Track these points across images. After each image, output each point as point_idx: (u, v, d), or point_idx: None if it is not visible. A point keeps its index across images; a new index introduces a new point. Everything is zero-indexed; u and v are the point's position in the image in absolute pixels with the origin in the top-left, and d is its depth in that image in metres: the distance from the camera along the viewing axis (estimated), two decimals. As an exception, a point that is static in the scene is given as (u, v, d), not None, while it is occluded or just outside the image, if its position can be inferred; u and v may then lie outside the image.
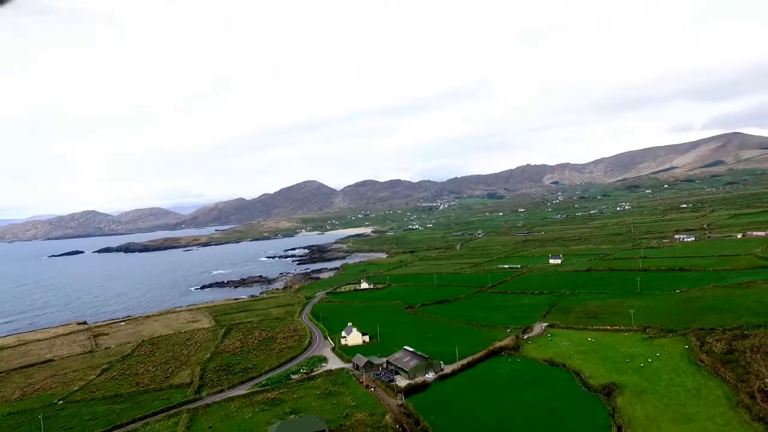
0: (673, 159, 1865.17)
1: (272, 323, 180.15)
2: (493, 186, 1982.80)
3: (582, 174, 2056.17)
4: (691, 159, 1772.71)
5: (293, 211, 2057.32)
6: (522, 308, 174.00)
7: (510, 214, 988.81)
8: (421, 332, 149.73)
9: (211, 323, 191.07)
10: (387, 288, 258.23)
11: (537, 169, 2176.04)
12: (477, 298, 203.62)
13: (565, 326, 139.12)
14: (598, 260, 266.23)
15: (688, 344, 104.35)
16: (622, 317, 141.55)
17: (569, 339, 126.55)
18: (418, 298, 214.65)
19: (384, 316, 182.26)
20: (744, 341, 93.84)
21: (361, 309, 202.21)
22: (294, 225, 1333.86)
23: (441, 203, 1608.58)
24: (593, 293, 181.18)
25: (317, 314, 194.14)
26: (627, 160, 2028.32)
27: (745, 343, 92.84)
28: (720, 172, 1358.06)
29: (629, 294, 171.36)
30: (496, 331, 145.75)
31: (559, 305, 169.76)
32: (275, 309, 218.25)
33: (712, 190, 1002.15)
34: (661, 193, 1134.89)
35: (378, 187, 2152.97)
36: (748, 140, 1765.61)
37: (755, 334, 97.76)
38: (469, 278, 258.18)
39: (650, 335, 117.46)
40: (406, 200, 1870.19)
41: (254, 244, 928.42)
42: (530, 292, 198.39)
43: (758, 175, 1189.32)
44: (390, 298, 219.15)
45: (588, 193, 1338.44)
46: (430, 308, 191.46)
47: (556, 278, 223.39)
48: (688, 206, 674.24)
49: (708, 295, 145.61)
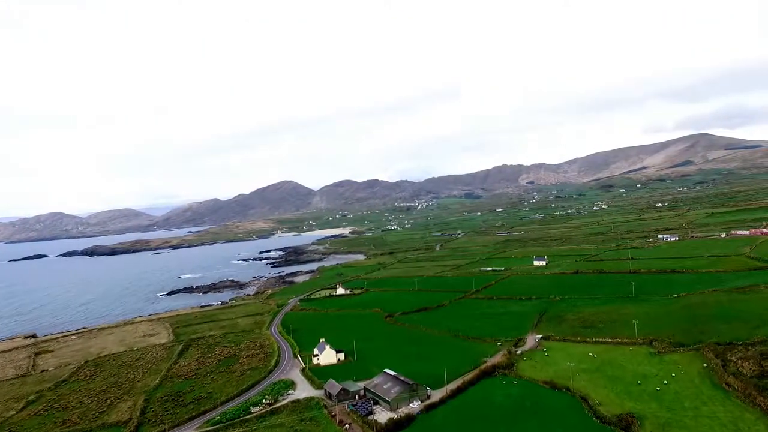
0: (644, 159, 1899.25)
1: (237, 337, 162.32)
2: (470, 186, 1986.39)
3: (557, 174, 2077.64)
4: (661, 159, 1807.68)
5: (269, 211, 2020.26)
6: (510, 316, 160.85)
7: (488, 213, 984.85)
8: (403, 347, 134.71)
9: (169, 338, 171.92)
10: (364, 293, 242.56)
11: (513, 169, 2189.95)
12: (461, 304, 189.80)
13: (560, 338, 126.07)
14: (584, 261, 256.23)
15: (706, 362, 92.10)
16: (622, 327, 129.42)
17: (568, 354, 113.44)
18: (398, 304, 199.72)
19: (361, 326, 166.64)
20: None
21: (336, 318, 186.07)
22: (270, 226, 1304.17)
23: (419, 203, 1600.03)
24: (585, 298, 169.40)
25: (288, 325, 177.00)
26: (600, 161, 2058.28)
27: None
28: (689, 171, 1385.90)
29: (624, 299, 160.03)
30: (485, 344, 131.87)
31: (551, 313, 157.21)
32: (243, 319, 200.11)
33: (684, 189, 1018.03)
34: (634, 192, 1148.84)
35: (356, 187, 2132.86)
36: (715, 141, 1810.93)
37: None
38: (451, 282, 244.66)
39: (659, 350, 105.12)
40: (384, 200, 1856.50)
41: (228, 246, 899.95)
42: (518, 297, 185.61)
43: (725, 174, 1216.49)
44: (368, 305, 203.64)
45: (563, 192, 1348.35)
46: (411, 317, 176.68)
47: (544, 282, 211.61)
48: (663, 205, 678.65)
49: (711, 302, 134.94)
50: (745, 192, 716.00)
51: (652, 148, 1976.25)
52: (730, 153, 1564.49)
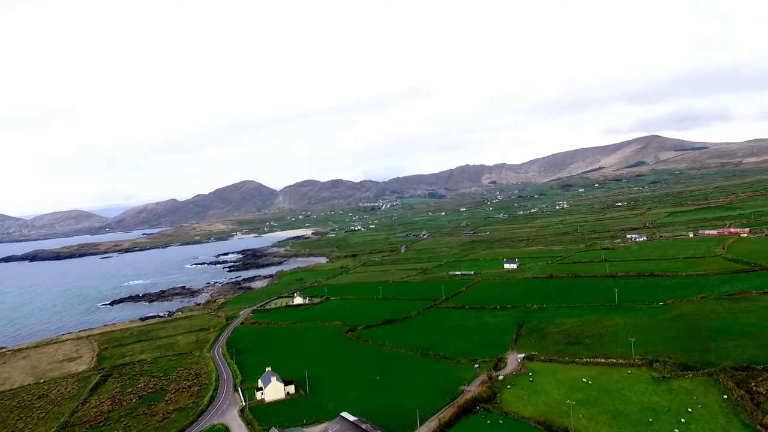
0: (600, 159, 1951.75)
1: (171, 362, 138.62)
2: (434, 186, 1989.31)
3: (518, 174, 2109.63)
4: (616, 160, 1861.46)
5: (230, 212, 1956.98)
6: (486, 329, 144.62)
7: (452, 213, 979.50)
8: (366, 372, 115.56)
9: (91, 363, 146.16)
10: (324, 302, 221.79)
11: (476, 170, 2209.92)
12: (431, 315, 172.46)
13: (546, 358, 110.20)
14: (557, 264, 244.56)
15: (726, 393, 77.62)
16: (613, 343, 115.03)
17: (557, 379, 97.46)
18: (361, 316, 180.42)
19: (318, 344, 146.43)
20: (817, 395, 68.14)
21: (290, 334, 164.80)
22: (229, 227, 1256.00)
23: (383, 203, 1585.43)
24: (565, 307, 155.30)
25: (235, 345, 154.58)
26: (559, 161, 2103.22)
27: (820, 398, 67.11)
28: (643, 172, 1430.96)
29: (608, 308, 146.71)
30: (461, 366, 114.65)
31: (530, 324, 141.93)
32: (184, 336, 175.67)
33: (640, 189, 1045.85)
34: (593, 191, 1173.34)
35: (319, 186, 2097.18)
36: (666, 142, 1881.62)
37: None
38: (418, 288, 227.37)
39: (663, 374, 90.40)
40: (348, 200, 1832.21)
41: (183, 249, 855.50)
42: (492, 306, 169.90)
43: (676, 174, 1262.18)
44: (327, 317, 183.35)
45: (525, 192, 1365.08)
46: (375, 331, 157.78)
47: (518, 288, 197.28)
48: (623, 204, 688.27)
49: (706, 312, 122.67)
50: (699, 191, 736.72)
51: (607, 149, 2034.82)
52: (680, 154, 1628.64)
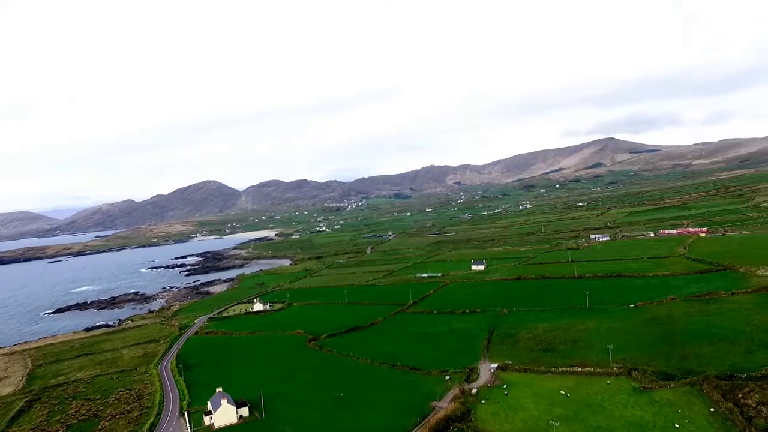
0: (560, 161, 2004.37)
1: (111, 382, 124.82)
2: (399, 186, 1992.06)
3: (482, 174, 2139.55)
4: (575, 161, 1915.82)
5: (190, 213, 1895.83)
6: (456, 336, 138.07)
7: (418, 213, 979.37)
8: (329, 388, 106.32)
9: (19, 384, 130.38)
10: (286, 308, 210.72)
11: (440, 170, 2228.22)
12: (398, 321, 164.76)
13: (520, 368, 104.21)
14: (524, 265, 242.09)
15: (712, 405, 73.09)
16: (588, 349, 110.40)
17: (533, 392, 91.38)
18: (325, 323, 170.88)
19: (278, 356, 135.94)
20: (811, 408, 64.19)
21: (248, 345, 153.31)
22: (189, 229, 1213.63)
23: (349, 204, 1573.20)
24: (536, 311, 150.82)
25: (186, 358, 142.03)
26: (521, 162, 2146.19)
27: (814, 412, 63.15)
28: (601, 173, 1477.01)
29: (578, 311, 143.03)
30: (431, 378, 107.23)
31: (501, 330, 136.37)
32: (130, 350, 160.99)
33: (598, 189, 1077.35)
34: (554, 192, 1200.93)
35: (284, 187, 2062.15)
36: (621, 145, 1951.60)
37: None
38: (385, 292, 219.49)
39: (643, 384, 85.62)
40: (314, 201, 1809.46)
41: (139, 252, 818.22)
42: (461, 311, 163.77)
43: (632, 175, 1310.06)
44: (289, 326, 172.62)
45: (489, 192, 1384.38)
46: (339, 340, 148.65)
47: (486, 290, 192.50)
48: (584, 204, 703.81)
49: (679, 314, 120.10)
50: (654, 192, 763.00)
51: (567, 151, 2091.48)
52: (635, 156, 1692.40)
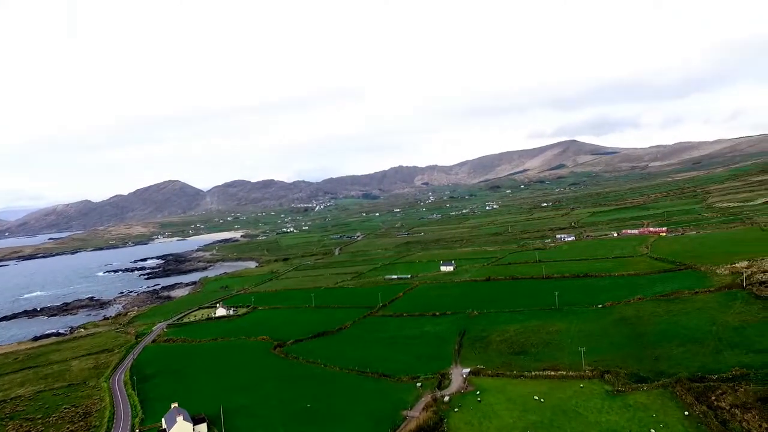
0: (525, 162, 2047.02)
1: (56, 398, 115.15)
2: (368, 186, 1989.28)
3: (449, 175, 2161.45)
4: (539, 162, 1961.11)
5: (152, 214, 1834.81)
6: (426, 339, 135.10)
7: (386, 214, 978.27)
8: (295, 398, 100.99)
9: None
10: (251, 313, 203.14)
11: (408, 171, 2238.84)
12: (367, 325, 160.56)
13: (493, 372, 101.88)
14: (493, 266, 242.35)
15: (687, 408, 72.22)
16: (560, 351, 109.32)
17: (507, 398, 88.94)
18: (291, 328, 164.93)
19: (241, 365, 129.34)
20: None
21: (210, 353, 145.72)
22: (150, 230, 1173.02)
23: (317, 204, 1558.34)
24: (506, 312, 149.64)
25: (141, 369, 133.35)
26: (487, 163, 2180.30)
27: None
28: (563, 174, 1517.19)
29: (548, 312, 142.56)
30: (402, 385, 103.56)
31: (472, 333, 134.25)
32: (81, 361, 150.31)
33: (561, 190, 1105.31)
34: (519, 192, 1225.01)
35: (250, 187, 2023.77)
36: (583, 147, 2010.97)
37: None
38: (354, 295, 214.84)
39: (616, 387, 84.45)
40: (281, 201, 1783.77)
41: (96, 255, 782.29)
42: (431, 313, 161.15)
43: (593, 177, 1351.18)
44: (253, 331, 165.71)
45: (456, 193, 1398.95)
46: (307, 345, 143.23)
47: (456, 292, 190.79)
48: (548, 205, 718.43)
49: (647, 314, 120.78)
50: (615, 193, 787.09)
51: (531, 153, 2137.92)
52: (595, 158, 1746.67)
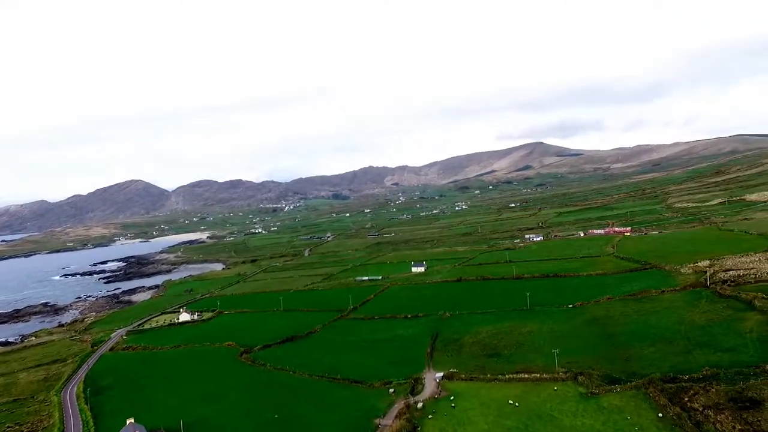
0: (493, 163, 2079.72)
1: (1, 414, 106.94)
2: (338, 187, 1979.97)
3: (419, 176, 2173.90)
4: (507, 163, 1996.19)
5: (113, 215, 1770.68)
6: (399, 343, 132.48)
7: (357, 214, 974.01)
8: (262, 409, 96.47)
9: None
10: (216, 318, 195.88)
11: (379, 171, 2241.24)
12: (337, 329, 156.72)
13: (466, 376, 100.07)
14: (464, 266, 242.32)
15: (660, 410, 71.91)
16: (533, 353, 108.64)
17: (481, 403, 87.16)
18: (259, 333, 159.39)
19: (205, 373, 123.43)
20: (757, 412, 63.74)
21: (172, 361, 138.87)
22: (111, 232, 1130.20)
23: (286, 204, 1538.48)
24: (478, 314, 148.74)
25: (96, 380, 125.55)
26: (456, 164, 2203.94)
27: (760, 415, 62.77)
28: (530, 175, 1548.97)
29: (520, 312, 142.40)
30: (374, 391, 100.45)
31: (445, 335, 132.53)
32: (29, 373, 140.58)
33: (528, 191, 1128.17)
34: (487, 193, 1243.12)
35: (217, 187, 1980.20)
36: (548, 149, 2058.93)
37: (746, 389, 69.04)
38: (324, 297, 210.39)
39: (590, 389, 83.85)
40: (249, 201, 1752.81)
41: (53, 258, 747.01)
42: (403, 315, 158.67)
43: (558, 178, 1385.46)
44: (218, 337, 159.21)
45: (426, 193, 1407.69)
46: (275, 351, 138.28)
47: (427, 293, 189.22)
48: (516, 205, 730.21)
49: (617, 314, 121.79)
50: (580, 193, 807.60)
51: (499, 154, 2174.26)
52: (561, 159, 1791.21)
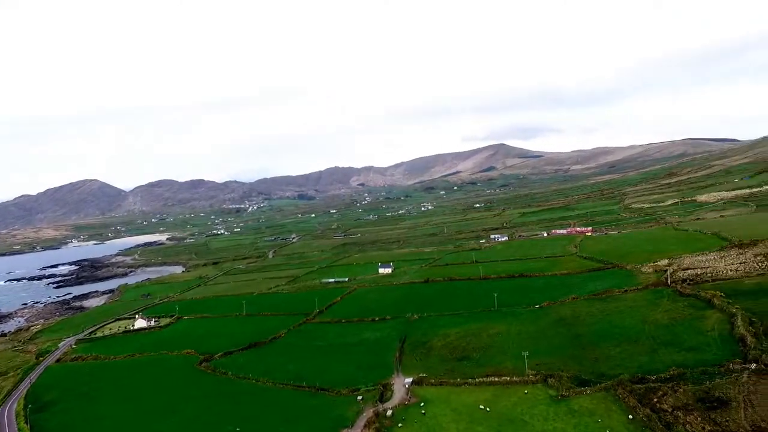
0: (457, 164, 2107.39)
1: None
2: (303, 187, 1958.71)
3: (384, 176, 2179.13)
4: (471, 164, 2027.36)
5: (65, 216, 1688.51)
6: (366, 347, 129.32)
7: (322, 215, 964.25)
8: (222, 421, 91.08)
9: None
10: (175, 323, 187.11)
11: (345, 171, 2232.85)
12: (303, 333, 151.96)
13: (436, 381, 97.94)
14: (431, 267, 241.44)
15: (630, 412, 71.64)
16: (502, 355, 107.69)
17: (452, 409, 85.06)
18: (220, 339, 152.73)
19: (161, 385, 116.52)
20: (725, 412, 64.07)
21: (125, 372, 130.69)
22: (63, 234, 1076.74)
23: (250, 205, 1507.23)
24: (446, 315, 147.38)
25: (40, 395, 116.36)
26: (422, 165, 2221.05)
27: (728, 415, 63.07)
28: (494, 176, 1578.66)
29: (488, 314, 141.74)
30: (342, 399, 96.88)
31: (413, 338, 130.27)
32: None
33: (492, 191, 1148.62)
34: (452, 194, 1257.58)
35: (177, 187, 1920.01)
36: (511, 150, 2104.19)
37: (712, 388, 69.62)
38: (288, 301, 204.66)
39: (560, 392, 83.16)
40: (211, 202, 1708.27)
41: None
42: (370, 318, 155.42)
43: (521, 179, 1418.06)
44: (177, 344, 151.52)
45: (392, 194, 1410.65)
46: (237, 359, 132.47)
47: (395, 295, 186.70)
48: (481, 206, 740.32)
49: (583, 314, 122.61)
50: (541, 194, 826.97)
51: (463, 155, 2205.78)
52: (523, 161, 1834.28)
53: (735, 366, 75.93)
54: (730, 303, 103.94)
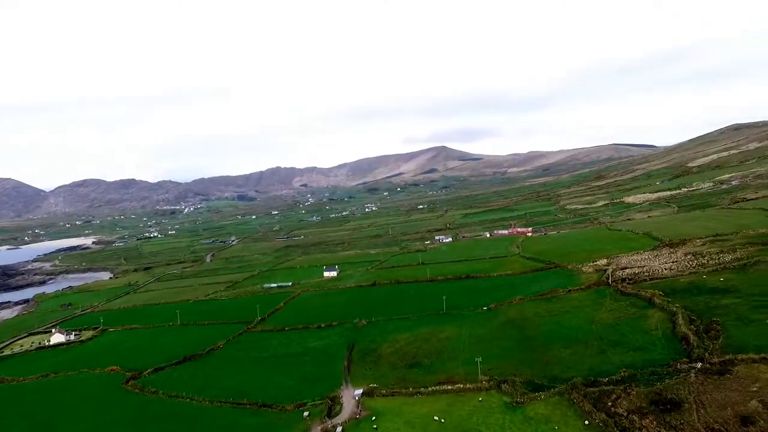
0: (400, 166, 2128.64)
1: None
2: (243, 188, 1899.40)
3: (328, 177, 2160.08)
4: (413, 166, 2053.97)
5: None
6: (312, 356, 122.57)
7: (264, 216, 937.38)
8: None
9: None
10: (99, 336, 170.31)
11: (287, 172, 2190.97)
12: (244, 343, 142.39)
13: (387, 391, 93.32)
14: (377, 270, 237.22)
15: (586, 417, 70.46)
16: (453, 360, 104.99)
17: (405, 422, 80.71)
18: (150, 354, 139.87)
19: (79, 409, 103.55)
20: (678, 414, 63.94)
21: (36, 396, 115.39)
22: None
23: (186, 206, 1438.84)
24: (395, 320, 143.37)
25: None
26: (365, 166, 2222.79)
27: (682, 417, 62.94)
28: (436, 178, 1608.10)
29: (436, 317, 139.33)
30: (286, 416, 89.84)
31: (361, 345, 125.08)
32: None
33: (434, 193, 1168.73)
34: (396, 195, 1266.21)
35: (105, 187, 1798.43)
36: (452, 153, 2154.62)
37: (664, 390, 69.86)
38: (227, 308, 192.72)
39: (514, 399, 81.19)
40: (143, 203, 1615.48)
41: None
42: (316, 325, 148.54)
43: (461, 181, 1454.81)
44: (100, 361, 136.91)
45: (335, 195, 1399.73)
46: (170, 375, 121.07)
47: (341, 299, 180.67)
48: (424, 207, 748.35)
49: (531, 315, 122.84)
50: (482, 195, 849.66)
51: (406, 157, 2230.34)
52: (463, 163, 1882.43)
53: (682, 366, 77.25)
54: (669, 302, 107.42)
